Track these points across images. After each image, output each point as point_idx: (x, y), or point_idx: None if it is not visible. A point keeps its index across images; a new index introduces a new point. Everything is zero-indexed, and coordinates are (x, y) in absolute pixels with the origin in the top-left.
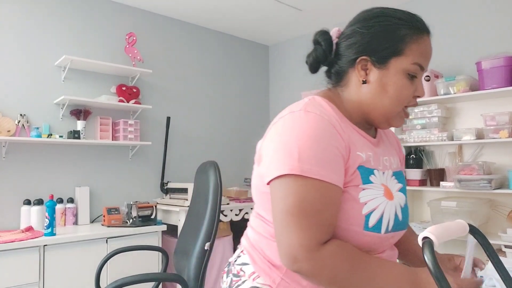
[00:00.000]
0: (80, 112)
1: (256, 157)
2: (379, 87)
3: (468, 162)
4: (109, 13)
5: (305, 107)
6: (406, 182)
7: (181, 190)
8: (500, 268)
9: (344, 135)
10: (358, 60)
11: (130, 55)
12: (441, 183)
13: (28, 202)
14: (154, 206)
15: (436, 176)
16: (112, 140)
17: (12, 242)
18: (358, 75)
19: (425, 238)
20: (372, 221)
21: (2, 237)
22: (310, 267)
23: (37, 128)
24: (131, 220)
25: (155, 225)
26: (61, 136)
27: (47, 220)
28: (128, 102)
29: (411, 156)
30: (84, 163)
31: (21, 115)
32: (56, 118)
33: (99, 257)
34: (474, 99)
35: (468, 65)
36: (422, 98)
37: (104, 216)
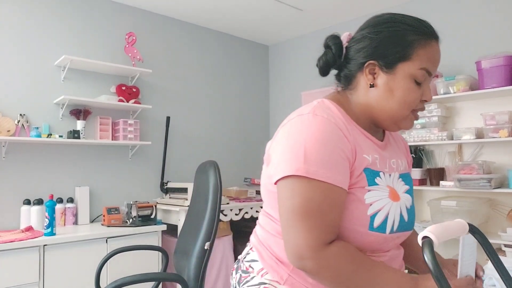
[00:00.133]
0: (80, 112)
1: (265, 157)
2: (386, 91)
3: (468, 162)
4: (109, 13)
5: (314, 110)
6: None
7: (181, 190)
8: (500, 268)
9: (350, 138)
10: (366, 64)
11: (130, 55)
12: (441, 182)
13: (28, 202)
14: (154, 206)
15: (436, 176)
16: (112, 140)
17: (12, 242)
18: (366, 79)
19: (425, 237)
20: (377, 222)
21: (2, 237)
22: (314, 266)
23: (37, 128)
24: (131, 220)
25: (155, 225)
26: (61, 136)
27: (47, 220)
28: (128, 102)
29: (411, 156)
30: (84, 163)
31: (21, 115)
32: (56, 118)
33: (99, 257)
34: (474, 98)
35: (468, 64)
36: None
37: (104, 216)
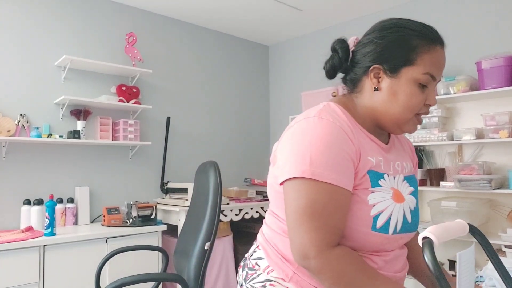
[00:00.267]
0: (80, 112)
1: (272, 158)
2: (390, 94)
3: (468, 162)
4: (109, 13)
5: (319, 113)
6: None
7: (181, 190)
8: (500, 268)
9: (355, 141)
10: (371, 68)
11: (130, 55)
12: (441, 183)
13: (28, 202)
14: (154, 206)
15: (436, 176)
16: (112, 140)
17: (12, 242)
18: (371, 83)
19: (425, 238)
20: (380, 223)
21: (2, 237)
22: (317, 265)
23: (37, 128)
24: (131, 220)
25: (155, 225)
26: (61, 136)
27: (47, 220)
28: (128, 102)
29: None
30: (84, 163)
31: (21, 115)
32: (56, 118)
33: (99, 257)
34: (474, 99)
35: (468, 65)
36: None
37: (104, 216)
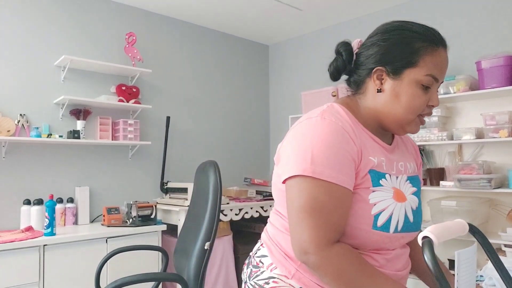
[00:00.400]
0: (80, 112)
1: (275, 157)
2: (392, 96)
3: (468, 162)
4: (109, 13)
5: (322, 114)
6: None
7: (181, 190)
8: (500, 268)
9: (356, 141)
10: (374, 70)
11: (130, 55)
12: (441, 182)
13: (28, 202)
14: (154, 206)
15: (436, 176)
16: (112, 140)
17: (12, 242)
18: (374, 84)
19: (424, 237)
20: (381, 221)
21: (2, 237)
22: (317, 261)
23: (37, 128)
24: (131, 220)
25: (155, 224)
26: (61, 136)
27: (47, 220)
28: (128, 102)
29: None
30: (84, 163)
31: (21, 115)
32: (56, 118)
33: (99, 257)
34: (474, 98)
35: (468, 64)
36: None
37: (104, 216)
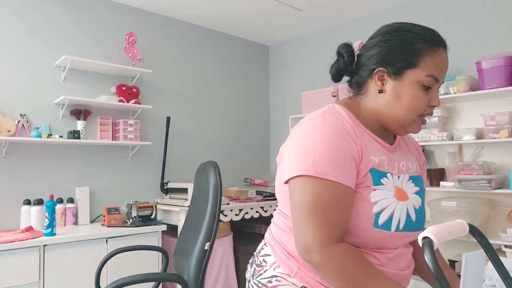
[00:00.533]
0: (80, 112)
1: (278, 158)
2: (393, 96)
3: (468, 162)
4: (109, 13)
5: (323, 115)
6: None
7: (181, 190)
8: (500, 268)
9: (357, 141)
10: (375, 71)
11: (130, 55)
12: (441, 183)
13: (28, 202)
14: (154, 206)
15: (436, 176)
16: (112, 140)
17: (12, 242)
18: (375, 85)
19: (425, 238)
20: (382, 220)
21: (2, 237)
22: (320, 260)
23: (37, 128)
24: (131, 220)
25: (155, 225)
26: (61, 136)
27: (47, 220)
28: (128, 102)
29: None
30: (84, 163)
31: (21, 115)
32: (56, 118)
33: (99, 257)
34: (474, 99)
35: (468, 65)
36: None
37: (104, 216)
